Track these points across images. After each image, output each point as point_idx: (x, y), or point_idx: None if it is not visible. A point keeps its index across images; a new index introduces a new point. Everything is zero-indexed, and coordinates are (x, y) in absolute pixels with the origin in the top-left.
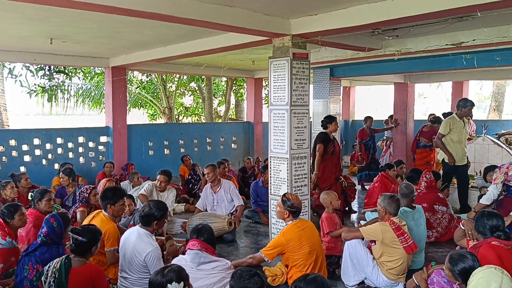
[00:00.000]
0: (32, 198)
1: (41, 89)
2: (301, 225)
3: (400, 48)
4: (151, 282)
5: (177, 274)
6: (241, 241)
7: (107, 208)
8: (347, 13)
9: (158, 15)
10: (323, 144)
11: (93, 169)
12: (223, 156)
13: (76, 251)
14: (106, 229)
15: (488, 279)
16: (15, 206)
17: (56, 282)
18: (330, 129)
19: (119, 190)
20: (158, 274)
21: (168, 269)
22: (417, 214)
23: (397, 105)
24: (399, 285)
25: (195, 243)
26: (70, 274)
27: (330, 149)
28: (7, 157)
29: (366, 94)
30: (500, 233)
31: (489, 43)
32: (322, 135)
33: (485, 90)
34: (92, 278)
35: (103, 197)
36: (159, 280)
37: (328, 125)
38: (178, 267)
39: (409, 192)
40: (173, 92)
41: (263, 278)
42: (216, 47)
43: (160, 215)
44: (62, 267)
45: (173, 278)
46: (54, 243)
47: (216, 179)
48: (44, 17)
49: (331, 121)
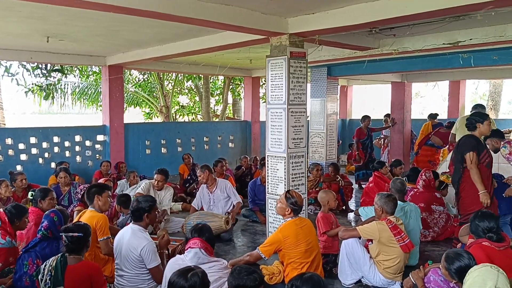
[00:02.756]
0: (34, 197)
1: (38, 87)
2: (299, 223)
3: (397, 47)
4: (171, 282)
5: (201, 280)
6: (238, 240)
7: (94, 200)
8: (345, 12)
9: (156, 13)
10: (475, 152)
11: (90, 168)
12: (220, 155)
13: (72, 249)
14: (96, 219)
15: (484, 277)
16: (25, 209)
17: (52, 280)
18: (481, 130)
19: (103, 184)
20: (180, 277)
21: (192, 272)
22: (408, 207)
23: (394, 104)
24: (396, 283)
25: (196, 241)
26: (67, 271)
27: (485, 159)
28: (3, 156)
29: (363, 93)
30: (491, 235)
31: (486, 42)
32: (472, 140)
33: (481, 90)
34: (89, 275)
35: (89, 192)
36: (181, 284)
37: (478, 125)
38: (202, 272)
39: (402, 188)
40: (170, 90)
41: (261, 275)
42: (214, 45)
43: (148, 207)
44: (58, 265)
45: (197, 284)
46: (54, 237)
47: (210, 180)
48: (41, 15)
49: (482, 120)
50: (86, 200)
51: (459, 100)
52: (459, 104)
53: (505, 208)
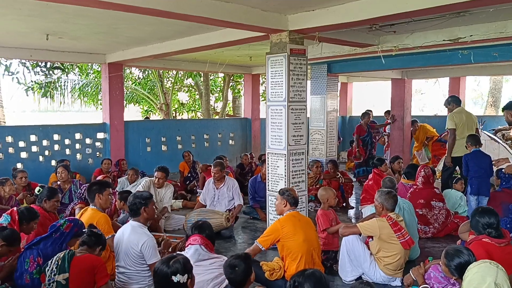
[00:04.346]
0: (40, 195)
1: (38, 85)
2: (297, 215)
3: (397, 44)
4: (156, 271)
5: (182, 265)
6: (239, 237)
7: (95, 199)
8: (344, 9)
9: (156, 11)
10: None
11: (90, 166)
12: (220, 152)
13: (87, 242)
14: (97, 218)
15: (483, 274)
16: (36, 215)
17: (59, 268)
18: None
19: (104, 181)
20: (163, 264)
21: (174, 259)
22: (402, 202)
23: (394, 101)
24: (396, 280)
25: (196, 238)
26: (72, 261)
27: None
28: (3, 154)
29: (363, 90)
30: (491, 231)
31: (486, 39)
32: None
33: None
34: (93, 266)
35: (90, 189)
36: (165, 270)
37: None
38: (183, 258)
39: (392, 186)
40: (170, 88)
41: (250, 262)
42: (214, 43)
43: (144, 199)
44: (65, 255)
45: (179, 269)
46: (62, 240)
47: (222, 177)
48: (40, 13)
49: None
50: (88, 198)
51: (460, 96)
52: None
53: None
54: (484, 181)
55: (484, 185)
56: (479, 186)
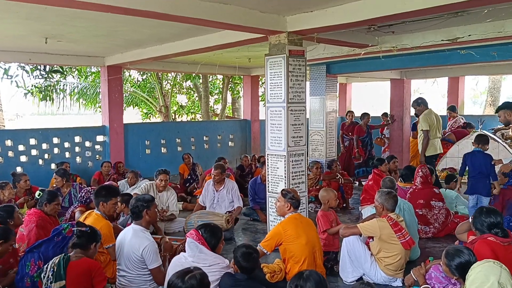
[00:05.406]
0: (40, 198)
1: (37, 89)
2: (299, 217)
3: (396, 44)
4: (170, 284)
5: (198, 282)
6: (239, 239)
7: (99, 206)
8: (343, 10)
9: (155, 13)
10: None
11: (90, 169)
12: (220, 154)
13: (78, 244)
14: (100, 226)
15: (487, 273)
16: (11, 206)
17: (55, 275)
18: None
19: (114, 189)
20: (178, 279)
21: (190, 275)
22: (402, 203)
23: (394, 101)
24: (397, 280)
25: (192, 233)
26: (68, 266)
27: None
28: (3, 157)
29: (362, 91)
30: (497, 230)
31: (485, 38)
32: None
33: (480, 86)
34: (90, 270)
35: (97, 194)
36: (179, 286)
37: None
38: (201, 273)
39: (392, 186)
40: (169, 90)
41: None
42: (212, 45)
43: (147, 202)
44: (60, 261)
45: (194, 286)
46: (64, 243)
47: (222, 180)
48: (39, 16)
49: None
50: (94, 200)
51: (458, 96)
52: (458, 100)
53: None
54: (480, 181)
55: (481, 185)
56: (474, 185)
